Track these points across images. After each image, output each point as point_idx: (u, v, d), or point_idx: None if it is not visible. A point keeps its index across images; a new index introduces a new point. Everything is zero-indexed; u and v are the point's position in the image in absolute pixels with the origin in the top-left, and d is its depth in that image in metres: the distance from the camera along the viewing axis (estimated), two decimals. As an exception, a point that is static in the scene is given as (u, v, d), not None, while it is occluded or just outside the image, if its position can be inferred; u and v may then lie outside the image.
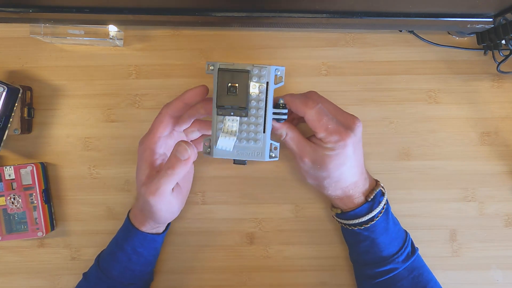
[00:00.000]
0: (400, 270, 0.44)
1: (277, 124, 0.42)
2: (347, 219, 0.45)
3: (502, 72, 0.48)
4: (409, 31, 0.50)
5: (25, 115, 0.49)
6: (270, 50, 0.50)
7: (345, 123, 0.42)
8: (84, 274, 0.47)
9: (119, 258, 0.45)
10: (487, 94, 0.50)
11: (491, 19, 0.43)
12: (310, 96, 0.43)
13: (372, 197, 0.44)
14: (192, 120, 0.45)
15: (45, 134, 0.51)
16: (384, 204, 0.45)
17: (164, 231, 0.47)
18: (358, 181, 0.44)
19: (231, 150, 0.41)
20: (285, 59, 0.50)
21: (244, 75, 0.39)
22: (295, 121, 0.48)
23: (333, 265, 0.51)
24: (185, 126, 0.45)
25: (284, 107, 0.42)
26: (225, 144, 0.40)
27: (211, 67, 0.40)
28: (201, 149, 0.48)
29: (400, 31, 0.50)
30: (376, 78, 0.50)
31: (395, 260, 0.44)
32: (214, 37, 0.50)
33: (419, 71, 0.50)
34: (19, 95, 0.47)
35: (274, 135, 0.43)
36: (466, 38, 0.50)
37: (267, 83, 0.40)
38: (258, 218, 0.51)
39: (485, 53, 0.49)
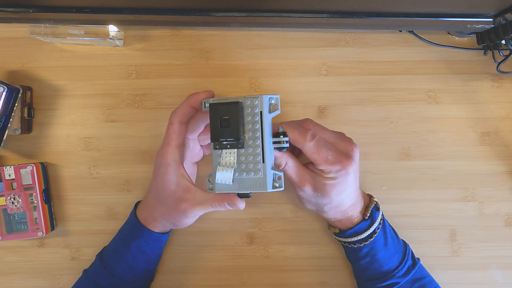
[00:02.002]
0: (401, 284, 0.44)
1: (277, 154, 0.41)
2: (346, 237, 0.45)
3: (502, 72, 0.48)
4: (409, 31, 0.50)
5: (25, 115, 0.49)
6: (270, 50, 0.50)
7: (344, 151, 0.42)
8: (85, 271, 0.47)
9: (124, 255, 0.45)
10: (487, 94, 0.50)
11: (491, 19, 0.43)
12: (307, 126, 0.43)
13: (368, 214, 0.44)
14: (202, 125, 0.45)
15: (45, 134, 0.51)
16: (381, 219, 0.45)
17: (169, 231, 0.48)
18: (356, 202, 0.44)
19: (231, 183, 0.40)
20: (285, 59, 0.50)
21: (234, 107, 0.39)
22: (296, 151, 0.46)
23: (333, 265, 0.51)
24: (197, 132, 0.45)
25: (284, 135, 0.41)
26: (224, 177, 0.40)
27: (207, 105, 0.41)
28: (208, 152, 0.48)
29: (400, 31, 0.50)
30: (376, 78, 0.50)
31: (395, 275, 0.44)
32: (214, 37, 0.50)
33: (419, 71, 0.50)
34: (19, 95, 0.47)
35: (274, 164, 0.42)
36: (466, 38, 0.50)
37: (261, 112, 0.39)
38: (258, 218, 0.51)
39: (485, 53, 0.49)
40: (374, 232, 0.44)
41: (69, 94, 0.51)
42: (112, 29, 0.47)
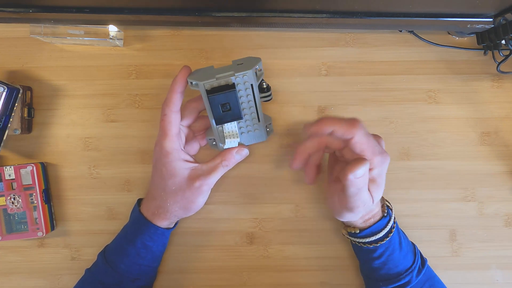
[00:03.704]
0: (413, 284, 0.44)
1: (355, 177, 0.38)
2: (363, 238, 0.44)
3: (502, 72, 0.48)
4: (409, 31, 0.50)
5: (25, 115, 0.49)
6: (270, 50, 0.50)
7: (379, 143, 0.41)
8: (88, 270, 0.47)
9: (128, 251, 0.45)
10: (487, 94, 0.50)
11: (491, 19, 0.43)
12: (351, 119, 0.40)
13: (385, 210, 0.44)
14: (196, 112, 0.46)
15: (45, 134, 0.51)
16: (394, 218, 0.45)
17: (172, 227, 0.48)
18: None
19: (237, 145, 0.47)
20: (285, 59, 0.50)
21: (232, 94, 0.41)
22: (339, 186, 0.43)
23: (333, 265, 0.51)
24: (191, 119, 0.46)
25: (268, 89, 0.46)
26: (231, 144, 0.46)
27: (194, 83, 0.42)
28: (204, 144, 0.49)
29: (400, 31, 0.50)
30: (376, 78, 0.50)
31: (409, 274, 0.44)
32: (214, 37, 0.50)
33: (419, 71, 0.50)
34: (19, 95, 0.47)
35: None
36: (466, 38, 0.50)
37: (251, 85, 0.42)
38: (258, 218, 0.51)
39: (485, 53, 0.49)
40: (390, 231, 0.44)
41: (69, 94, 0.51)
42: (112, 29, 0.47)
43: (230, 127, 0.45)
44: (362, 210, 0.41)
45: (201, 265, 0.51)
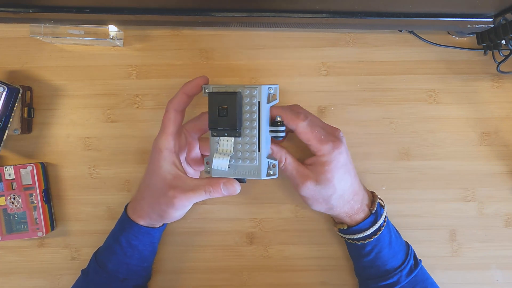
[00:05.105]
0: (403, 283, 0.44)
1: (276, 149, 0.43)
2: (352, 234, 0.45)
3: (502, 72, 0.48)
4: (409, 31, 0.50)
5: (25, 115, 0.49)
6: (270, 50, 0.50)
7: (331, 133, 0.44)
8: (83, 271, 0.47)
9: (115, 250, 0.45)
10: (487, 94, 0.50)
11: (491, 19, 0.43)
12: (297, 109, 0.44)
13: (375, 208, 0.44)
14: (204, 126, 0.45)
15: (45, 134, 0.51)
16: (385, 217, 0.45)
17: (159, 227, 0.47)
18: (359, 191, 0.44)
19: (226, 169, 0.41)
20: (285, 59, 0.50)
21: (232, 97, 0.39)
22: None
23: (333, 265, 0.51)
24: (203, 131, 0.45)
25: (281, 124, 0.42)
26: (220, 164, 0.41)
27: (207, 90, 0.41)
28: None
29: (400, 31, 0.50)
30: (376, 78, 0.50)
31: (398, 274, 0.44)
32: (214, 37, 0.50)
33: (419, 71, 0.50)
34: (19, 95, 0.47)
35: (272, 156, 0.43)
36: (466, 38, 0.50)
37: (259, 102, 0.40)
38: (258, 218, 0.51)
39: (485, 53, 0.49)
40: (379, 228, 0.44)
41: (69, 94, 0.51)
42: (112, 29, 0.47)
43: (226, 144, 0.41)
44: (318, 194, 0.43)
45: (201, 265, 0.51)
